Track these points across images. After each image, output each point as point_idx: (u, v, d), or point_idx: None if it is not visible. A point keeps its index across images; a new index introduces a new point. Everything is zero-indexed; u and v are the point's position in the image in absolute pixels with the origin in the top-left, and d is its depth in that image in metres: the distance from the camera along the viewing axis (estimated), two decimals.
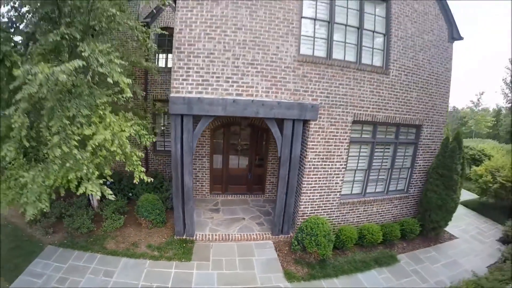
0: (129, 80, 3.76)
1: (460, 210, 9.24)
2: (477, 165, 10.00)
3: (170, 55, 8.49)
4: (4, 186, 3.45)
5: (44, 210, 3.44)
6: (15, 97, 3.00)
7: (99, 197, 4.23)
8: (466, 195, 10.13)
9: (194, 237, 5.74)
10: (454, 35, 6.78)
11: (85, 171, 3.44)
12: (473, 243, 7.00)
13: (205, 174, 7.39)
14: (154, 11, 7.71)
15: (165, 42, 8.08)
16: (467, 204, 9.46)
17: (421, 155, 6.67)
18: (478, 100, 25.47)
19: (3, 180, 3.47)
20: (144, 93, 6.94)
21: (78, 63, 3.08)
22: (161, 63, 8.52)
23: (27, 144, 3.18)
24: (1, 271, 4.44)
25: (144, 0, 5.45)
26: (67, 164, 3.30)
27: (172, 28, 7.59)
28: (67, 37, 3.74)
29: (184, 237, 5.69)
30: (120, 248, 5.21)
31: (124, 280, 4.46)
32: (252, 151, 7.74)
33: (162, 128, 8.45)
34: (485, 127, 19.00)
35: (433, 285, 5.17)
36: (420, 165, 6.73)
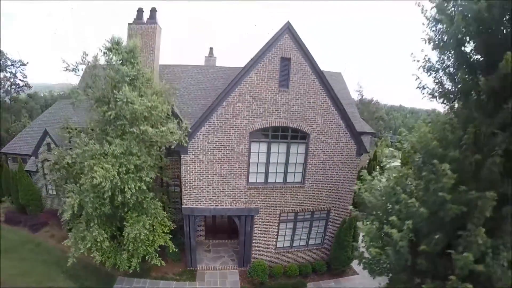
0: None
1: None
2: None
3: None
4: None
5: (137, 270, 9.89)
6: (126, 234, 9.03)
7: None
8: None
9: (196, 268, 12.06)
10: (361, 151, 11.77)
11: (152, 255, 9.73)
12: (369, 279, 12.35)
13: (202, 228, 13.57)
14: None
15: None
16: None
17: (330, 225, 12.25)
18: None
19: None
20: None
21: (146, 220, 9.03)
22: None
23: (130, 250, 9.50)
24: None
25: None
26: (145, 253, 9.61)
27: None
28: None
29: (191, 268, 12.05)
30: (159, 275, 11.69)
31: None
32: (229, 218, 13.73)
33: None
34: None
35: None
36: (330, 231, 12.33)
